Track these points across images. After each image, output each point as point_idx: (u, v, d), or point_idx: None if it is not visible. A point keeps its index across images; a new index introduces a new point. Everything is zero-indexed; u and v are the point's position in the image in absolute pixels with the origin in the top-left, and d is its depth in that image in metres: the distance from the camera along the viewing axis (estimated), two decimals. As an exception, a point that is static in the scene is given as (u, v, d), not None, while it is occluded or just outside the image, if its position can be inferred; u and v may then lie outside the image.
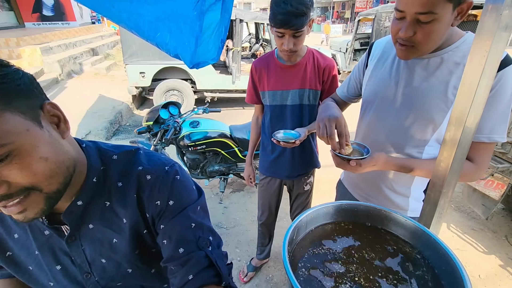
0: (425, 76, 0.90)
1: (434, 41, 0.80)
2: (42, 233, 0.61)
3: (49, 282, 0.64)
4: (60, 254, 0.62)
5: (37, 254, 0.62)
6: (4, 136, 0.43)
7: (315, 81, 1.45)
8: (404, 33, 0.79)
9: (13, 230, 0.62)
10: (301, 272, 0.66)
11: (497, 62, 0.60)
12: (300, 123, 1.52)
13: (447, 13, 0.74)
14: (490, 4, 0.56)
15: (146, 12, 1.37)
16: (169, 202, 0.61)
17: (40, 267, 0.63)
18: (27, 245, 0.62)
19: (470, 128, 0.67)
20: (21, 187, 0.46)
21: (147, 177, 0.62)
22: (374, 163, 0.88)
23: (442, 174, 0.74)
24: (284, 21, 1.19)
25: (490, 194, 2.13)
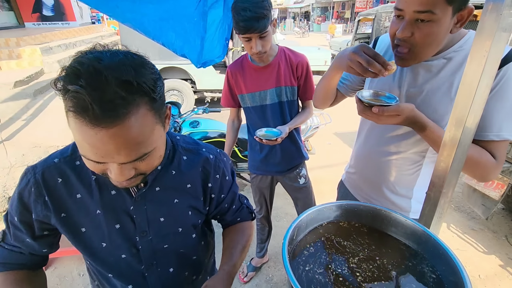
0: (429, 77, 0.88)
1: (431, 45, 0.78)
2: (109, 192, 0.68)
3: (101, 243, 0.69)
4: (122, 213, 0.69)
5: (98, 214, 0.68)
6: (153, 143, 0.55)
7: (290, 78, 1.50)
8: (401, 33, 0.78)
9: (76, 189, 0.67)
10: (301, 272, 0.66)
11: (497, 62, 0.60)
12: (282, 119, 1.57)
13: (446, 16, 0.73)
14: (490, 4, 0.56)
15: (150, 12, 1.38)
16: (226, 177, 0.84)
17: (97, 227, 0.68)
18: (87, 205, 0.67)
19: (470, 128, 0.67)
20: (138, 172, 0.58)
21: (210, 157, 0.79)
22: (399, 113, 0.79)
23: (442, 174, 0.74)
24: (247, 27, 1.25)
25: (490, 194, 2.13)
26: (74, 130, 0.49)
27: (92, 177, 0.68)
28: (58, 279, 2.04)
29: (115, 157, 0.51)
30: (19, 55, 6.59)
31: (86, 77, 0.46)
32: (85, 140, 0.49)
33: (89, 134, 0.47)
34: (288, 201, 2.66)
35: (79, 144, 0.52)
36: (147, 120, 0.52)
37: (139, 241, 0.72)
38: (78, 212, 0.68)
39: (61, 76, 0.48)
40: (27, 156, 3.31)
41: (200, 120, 2.73)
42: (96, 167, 0.55)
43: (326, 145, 4.38)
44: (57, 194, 0.66)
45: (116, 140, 0.49)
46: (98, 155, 0.51)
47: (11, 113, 4.49)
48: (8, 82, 5.28)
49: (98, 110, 0.45)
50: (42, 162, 0.68)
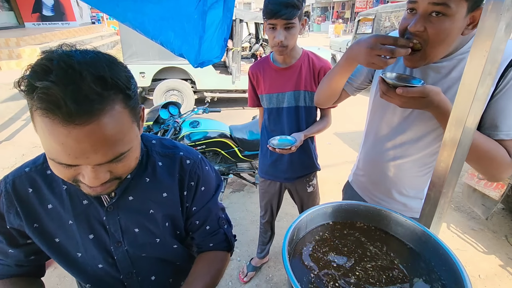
0: (438, 79, 0.86)
1: (443, 43, 0.75)
2: (81, 202, 0.66)
3: (77, 253, 0.68)
4: (95, 223, 0.67)
5: (70, 224, 0.66)
6: (130, 142, 0.53)
7: (311, 83, 1.46)
8: (414, 26, 0.74)
9: (47, 200, 0.65)
10: (301, 272, 0.66)
11: (497, 62, 0.60)
12: (297, 125, 1.52)
13: (460, 13, 0.71)
14: (490, 4, 0.56)
15: (150, 11, 1.38)
16: (201, 188, 0.76)
17: (70, 237, 0.67)
18: (60, 215, 0.65)
19: (470, 128, 0.67)
20: (113, 176, 0.55)
21: (187, 162, 0.74)
22: (424, 95, 0.75)
23: (442, 174, 0.74)
24: (275, 10, 1.23)
25: (490, 194, 2.13)
26: (43, 131, 0.46)
27: (63, 187, 0.65)
28: (58, 279, 2.04)
29: (91, 157, 0.48)
30: (19, 55, 6.60)
31: (57, 73, 0.43)
32: (57, 140, 0.45)
33: (61, 133, 0.44)
34: (288, 201, 2.65)
35: (48, 147, 0.47)
36: (123, 118, 0.50)
37: (114, 251, 0.70)
38: (51, 223, 0.66)
39: (27, 75, 0.45)
40: (27, 156, 3.31)
41: (200, 120, 2.73)
42: (66, 172, 0.51)
43: (326, 145, 4.38)
44: (28, 204, 0.64)
45: (91, 138, 0.46)
46: (72, 156, 0.47)
47: (11, 113, 4.49)
48: (8, 82, 5.29)
49: (72, 106, 0.43)
50: (14, 171, 0.66)
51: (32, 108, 0.46)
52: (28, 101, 0.46)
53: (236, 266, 2.17)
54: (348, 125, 4.91)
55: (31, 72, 0.45)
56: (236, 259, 2.26)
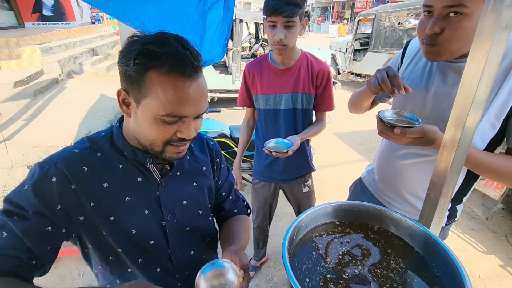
0: (458, 80, 0.83)
1: (462, 40, 0.74)
2: (136, 180, 0.70)
3: (132, 230, 0.70)
4: (149, 198, 0.72)
5: (127, 200, 0.69)
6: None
7: (309, 85, 1.44)
8: (430, 29, 0.74)
9: (103, 179, 0.67)
10: (301, 272, 0.66)
11: (497, 62, 0.60)
12: (294, 127, 1.50)
13: (478, 10, 0.69)
14: (490, 4, 0.56)
15: (150, 11, 1.38)
16: (222, 164, 0.92)
17: (127, 214, 0.69)
18: (116, 193, 0.68)
19: (470, 128, 0.67)
20: (193, 136, 0.66)
21: (211, 143, 0.90)
22: (423, 135, 0.77)
23: (442, 174, 0.74)
24: (276, 6, 1.21)
25: (490, 194, 2.13)
26: (166, 88, 0.58)
27: (119, 165, 0.69)
28: (58, 279, 2.04)
29: (196, 107, 0.62)
30: (19, 55, 6.59)
31: (174, 42, 0.58)
32: (180, 91, 0.58)
33: (185, 85, 0.58)
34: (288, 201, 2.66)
35: (168, 102, 0.58)
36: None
37: (166, 225, 0.75)
38: (107, 201, 0.67)
39: (142, 49, 0.57)
40: (27, 156, 3.31)
41: (200, 120, 2.73)
42: (169, 130, 0.62)
43: (326, 145, 4.38)
44: (84, 182, 0.65)
45: (199, 90, 0.61)
46: (188, 104, 0.60)
47: (11, 113, 4.49)
48: (8, 82, 5.28)
49: (193, 63, 0.58)
50: (58, 154, 0.66)
51: (148, 71, 0.57)
52: (141, 67, 0.58)
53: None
54: (348, 125, 4.91)
55: (144, 46, 0.57)
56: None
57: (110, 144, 0.69)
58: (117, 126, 0.71)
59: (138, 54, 0.57)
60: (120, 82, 0.65)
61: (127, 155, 0.69)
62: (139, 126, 0.64)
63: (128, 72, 0.60)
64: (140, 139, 0.66)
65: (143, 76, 0.58)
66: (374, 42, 6.58)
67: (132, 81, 0.60)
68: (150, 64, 0.57)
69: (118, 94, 0.64)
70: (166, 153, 0.66)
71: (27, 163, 3.25)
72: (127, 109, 0.65)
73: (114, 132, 0.71)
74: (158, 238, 0.74)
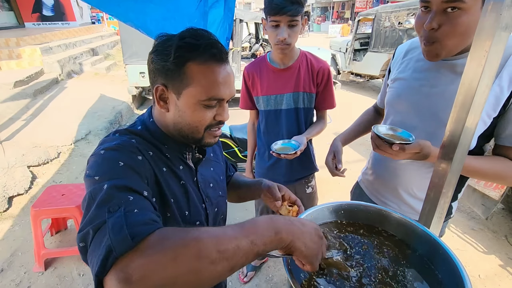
0: (452, 78, 0.85)
1: (460, 35, 0.75)
2: (179, 168, 0.75)
3: (185, 211, 0.75)
4: (192, 183, 0.78)
5: (182, 184, 0.75)
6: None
7: (309, 84, 1.43)
8: (429, 24, 0.75)
9: (163, 163, 0.71)
10: (300, 272, 0.66)
11: (497, 62, 0.60)
12: (296, 127, 1.49)
13: (477, 5, 0.70)
14: (490, 4, 0.56)
15: (152, 11, 1.38)
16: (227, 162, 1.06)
17: (181, 196, 0.74)
18: (174, 176, 0.73)
19: (470, 128, 0.67)
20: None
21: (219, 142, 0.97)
22: (419, 150, 0.80)
23: (442, 174, 0.74)
24: (280, 5, 1.20)
25: (490, 194, 2.13)
26: (207, 74, 0.65)
27: (167, 155, 0.73)
28: (58, 279, 2.04)
29: (231, 90, 0.70)
30: (19, 55, 6.59)
31: (205, 32, 0.67)
32: (219, 75, 0.66)
33: (221, 70, 0.66)
34: (288, 201, 2.65)
35: (210, 86, 0.65)
36: None
37: (206, 207, 0.82)
38: (167, 184, 0.70)
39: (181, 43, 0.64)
40: (27, 156, 3.31)
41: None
42: (209, 114, 0.69)
43: (326, 145, 4.37)
44: (153, 162, 0.67)
45: (231, 73, 0.69)
46: (226, 86, 0.68)
47: (11, 113, 4.49)
48: (8, 82, 5.28)
49: (224, 51, 0.67)
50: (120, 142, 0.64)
51: (188, 62, 0.64)
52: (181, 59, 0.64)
53: (236, 266, 2.17)
54: (348, 125, 4.90)
55: (183, 40, 0.64)
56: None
57: (153, 137, 0.73)
58: (152, 121, 0.74)
59: (177, 48, 0.63)
60: (153, 80, 0.69)
61: (167, 147, 0.74)
62: (181, 116, 0.69)
63: (167, 67, 0.65)
64: (183, 128, 0.70)
65: (183, 67, 0.64)
66: (374, 42, 6.58)
67: (172, 74, 0.65)
68: (190, 55, 0.64)
69: (155, 91, 0.68)
70: (205, 139, 0.73)
71: (27, 163, 3.25)
72: (164, 104, 0.69)
73: (151, 126, 0.73)
74: (202, 219, 0.80)
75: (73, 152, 3.78)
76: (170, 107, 0.69)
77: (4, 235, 2.46)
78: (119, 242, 0.43)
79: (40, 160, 3.40)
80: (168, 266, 0.42)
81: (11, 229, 2.53)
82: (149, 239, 0.45)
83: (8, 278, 2.05)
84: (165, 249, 0.43)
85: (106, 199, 0.50)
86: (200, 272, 0.43)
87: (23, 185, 2.99)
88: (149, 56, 0.69)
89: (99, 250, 0.44)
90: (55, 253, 2.16)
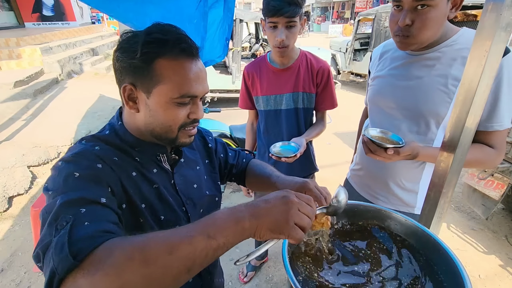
0: (424, 71, 0.93)
1: (431, 29, 0.83)
2: (152, 171, 0.72)
3: (160, 216, 0.71)
4: (168, 186, 0.75)
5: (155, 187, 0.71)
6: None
7: (309, 84, 1.43)
8: (402, 22, 0.83)
9: (131, 168, 0.68)
10: (300, 272, 0.66)
11: (497, 62, 0.60)
12: (296, 127, 1.49)
13: (442, 1, 0.78)
14: (490, 4, 0.56)
15: (151, 12, 1.38)
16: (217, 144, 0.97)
17: (154, 201, 0.70)
18: (144, 180, 0.70)
19: (470, 128, 0.67)
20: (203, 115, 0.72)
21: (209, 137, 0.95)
22: (410, 152, 0.87)
23: (442, 174, 0.74)
24: (278, 7, 1.20)
25: (490, 194, 2.13)
26: (178, 71, 0.62)
27: (136, 159, 0.70)
28: (58, 279, 2.05)
29: (203, 85, 0.67)
30: (19, 55, 6.59)
31: (172, 27, 0.64)
32: (189, 71, 0.63)
33: (192, 65, 0.63)
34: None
35: (181, 83, 0.63)
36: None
37: (187, 210, 0.78)
38: (136, 189, 0.67)
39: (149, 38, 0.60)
40: (27, 156, 3.31)
41: (200, 120, 2.73)
42: (183, 112, 0.66)
43: (326, 145, 4.38)
44: (118, 169, 0.64)
45: (202, 69, 0.67)
46: (198, 82, 0.65)
47: (11, 113, 4.49)
48: (8, 82, 5.28)
49: (193, 46, 0.64)
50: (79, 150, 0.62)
51: (157, 58, 0.60)
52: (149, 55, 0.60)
53: (236, 266, 2.17)
54: (348, 125, 4.90)
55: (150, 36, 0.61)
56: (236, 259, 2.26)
57: (121, 141, 0.69)
58: (121, 124, 0.70)
59: (144, 44, 0.60)
60: (120, 80, 0.65)
61: (139, 150, 0.70)
62: (152, 116, 0.65)
63: (134, 64, 0.61)
64: (155, 128, 0.67)
65: (152, 64, 0.61)
66: (374, 42, 6.57)
67: (141, 72, 0.61)
68: (159, 51, 0.60)
69: (123, 91, 0.64)
70: (180, 139, 0.69)
71: (27, 163, 3.25)
72: (133, 105, 0.66)
73: (120, 129, 0.70)
74: (182, 223, 0.76)
75: (73, 152, 3.78)
76: (140, 107, 0.65)
77: (4, 235, 2.47)
78: (61, 262, 0.41)
79: (40, 160, 3.40)
80: (115, 282, 0.40)
81: (11, 229, 2.54)
82: (93, 255, 0.42)
83: (8, 278, 2.05)
84: (108, 266, 0.41)
85: (56, 216, 0.48)
86: (152, 278, 0.42)
87: (23, 185, 2.99)
88: (114, 54, 0.64)
89: (46, 273, 0.42)
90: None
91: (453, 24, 0.91)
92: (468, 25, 5.58)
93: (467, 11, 4.60)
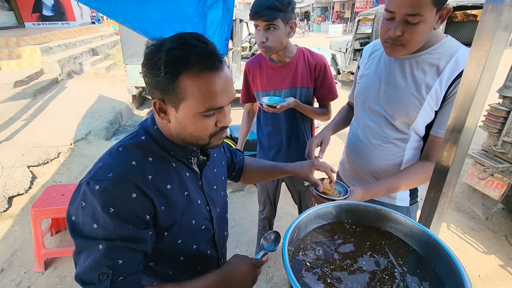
0: (403, 75, 0.98)
1: (419, 40, 0.88)
2: (185, 174, 0.76)
3: (191, 221, 0.76)
4: (197, 189, 0.79)
5: (187, 194, 0.75)
6: None
7: (307, 79, 1.49)
8: (393, 33, 0.86)
9: (166, 182, 0.71)
10: (300, 272, 0.66)
11: (497, 62, 0.60)
12: (295, 121, 1.55)
13: (431, 16, 0.81)
14: (490, 4, 0.56)
15: (150, 13, 1.38)
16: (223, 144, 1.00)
17: (187, 207, 0.75)
18: (178, 190, 0.74)
19: (470, 128, 0.67)
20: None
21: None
22: (357, 199, 0.94)
23: (442, 174, 0.74)
24: (255, 11, 1.29)
25: (490, 194, 2.13)
26: (201, 87, 0.62)
27: (172, 165, 0.74)
28: (58, 279, 2.04)
29: (229, 95, 0.67)
30: (19, 55, 6.59)
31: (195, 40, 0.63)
32: (214, 85, 0.63)
33: (216, 78, 0.63)
34: (289, 201, 2.65)
35: (206, 97, 0.63)
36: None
37: (210, 210, 0.83)
38: (173, 200, 0.71)
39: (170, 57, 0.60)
40: (27, 156, 3.31)
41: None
42: (210, 122, 0.68)
43: (326, 145, 4.37)
44: (152, 190, 0.67)
45: (227, 78, 0.66)
46: (224, 93, 0.65)
47: (11, 113, 4.49)
48: (8, 82, 5.28)
49: (217, 58, 0.63)
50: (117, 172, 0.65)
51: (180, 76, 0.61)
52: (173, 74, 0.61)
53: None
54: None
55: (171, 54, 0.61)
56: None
57: (159, 146, 0.72)
58: (156, 128, 0.73)
59: (167, 63, 0.60)
60: (151, 94, 0.67)
61: (174, 154, 0.74)
62: (183, 128, 0.68)
63: (160, 82, 0.63)
64: (187, 138, 0.70)
65: (176, 81, 0.62)
66: (374, 42, 6.57)
67: (166, 89, 0.63)
68: (181, 69, 0.61)
69: (154, 105, 0.67)
70: (211, 144, 0.73)
71: (27, 163, 3.25)
72: (165, 116, 0.68)
73: (156, 135, 0.73)
74: (207, 222, 0.82)
75: (73, 152, 3.78)
76: (171, 119, 0.68)
77: (4, 235, 2.46)
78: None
79: (40, 160, 3.40)
80: None
81: (11, 229, 2.53)
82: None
83: (8, 278, 2.05)
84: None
85: (99, 261, 0.60)
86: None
87: (23, 185, 2.99)
88: (142, 68, 0.67)
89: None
90: (55, 253, 2.15)
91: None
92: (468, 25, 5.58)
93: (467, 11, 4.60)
